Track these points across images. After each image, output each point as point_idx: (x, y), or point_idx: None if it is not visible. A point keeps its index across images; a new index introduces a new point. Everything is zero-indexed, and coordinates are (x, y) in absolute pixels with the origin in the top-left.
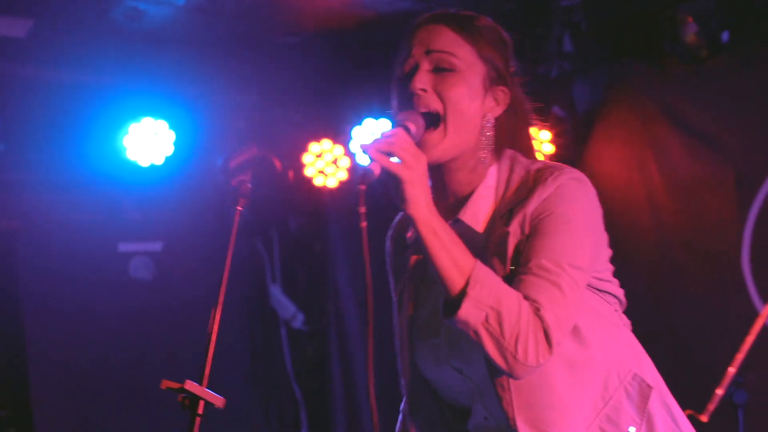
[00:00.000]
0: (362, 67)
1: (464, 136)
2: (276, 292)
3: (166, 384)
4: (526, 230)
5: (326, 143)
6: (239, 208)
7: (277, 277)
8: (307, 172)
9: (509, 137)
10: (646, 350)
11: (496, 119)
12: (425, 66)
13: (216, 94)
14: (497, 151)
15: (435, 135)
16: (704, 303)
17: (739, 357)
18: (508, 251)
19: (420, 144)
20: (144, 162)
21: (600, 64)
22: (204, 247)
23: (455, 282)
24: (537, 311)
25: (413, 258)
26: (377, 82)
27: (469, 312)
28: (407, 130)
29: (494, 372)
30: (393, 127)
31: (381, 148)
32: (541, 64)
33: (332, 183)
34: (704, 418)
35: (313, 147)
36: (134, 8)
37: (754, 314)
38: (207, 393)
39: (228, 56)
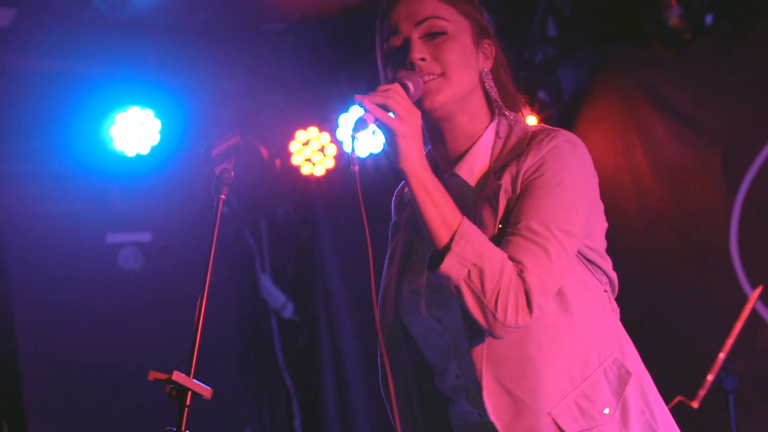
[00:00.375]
0: (348, 53)
1: (464, 91)
2: (266, 281)
3: (153, 375)
4: (518, 189)
5: (313, 131)
6: (222, 196)
7: (267, 267)
8: (294, 160)
9: (502, 90)
10: (635, 337)
11: (492, 71)
12: (416, 36)
13: (201, 82)
14: (496, 108)
15: (438, 90)
16: (693, 288)
17: (729, 343)
18: (500, 206)
19: (423, 94)
20: (130, 152)
21: (584, 49)
22: (193, 236)
23: (441, 236)
24: (521, 273)
25: (408, 212)
26: (363, 68)
27: (451, 266)
28: (405, 87)
29: (470, 323)
30: (392, 83)
31: (376, 101)
32: (525, 49)
33: (319, 171)
34: (695, 404)
35: (300, 135)
36: None
37: (743, 299)
38: (194, 384)
39: (213, 44)
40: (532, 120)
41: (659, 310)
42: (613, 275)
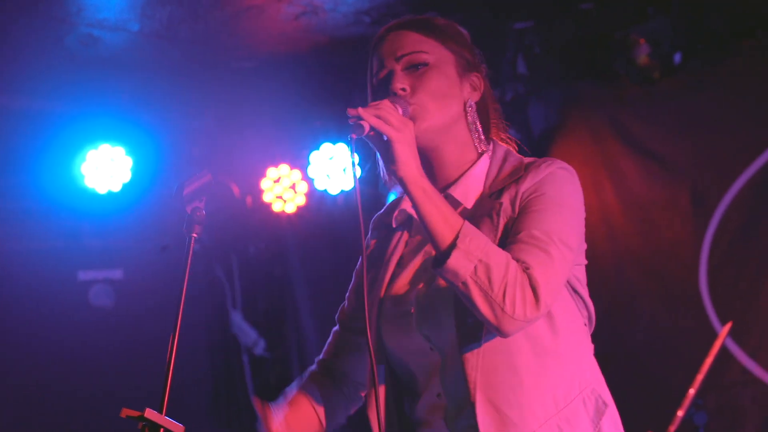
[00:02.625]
0: (318, 91)
1: (445, 120)
2: (237, 318)
3: (126, 412)
4: (516, 209)
5: (284, 168)
6: (194, 235)
7: (238, 303)
8: (266, 197)
9: (486, 123)
10: (604, 372)
11: (479, 104)
12: (399, 68)
13: (173, 119)
14: (487, 138)
15: (417, 119)
16: (662, 324)
17: (699, 378)
18: (500, 223)
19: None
20: (102, 189)
21: (554, 86)
22: (164, 273)
23: (445, 236)
24: (526, 269)
25: (397, 236)
26: (334, 106)
27: (458, 262)
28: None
29: (464, 341)
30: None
31: (369, 112)
32: (496, 87)
33: (290, 208)
34: None
35: (271, 172)
36: (89, 35)
37: (712, 335)
38: (166, 421)
39: (184, 82)
40: None
41: (629, 345)
42: (592, 309)
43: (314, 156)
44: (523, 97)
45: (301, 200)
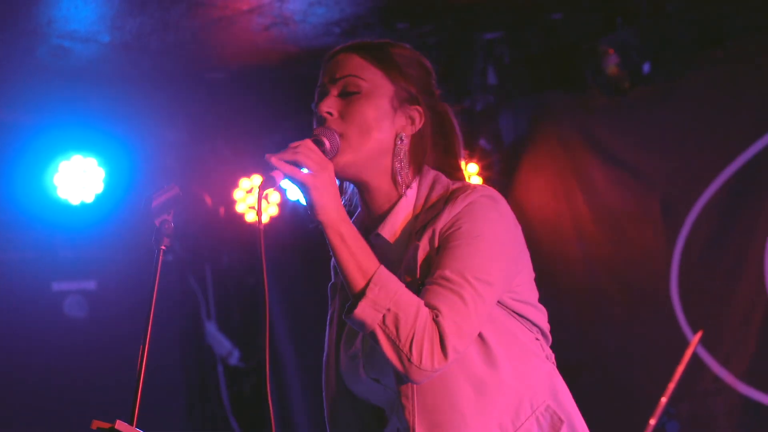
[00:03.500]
0: (290, 101)
1: (370, 153)
2: (211, 328)
3: (96, 424)
4: (435, 245)
5: (257, 179)
6: (163, 247)
7: (212, 314)
8: (238, 207)
9: (431, 155)
10: (575, 381)
11: (414, 137)
12: (333, 92)
13: (144, 130)
14: (417, 169)
15: (340, 152)
16: (634, 333)
17: (671, 387)
18: (417, 265)
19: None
20: (75, 200)
21: (524, 97)
22: (138, 284)
23: (357, 284)
24: (436, 317)
25: None
26: (305, 116)
27: (365, 311)
28: (319, 142)
29: (400, 381)
30: (303, 140)
31: (285, 158)
32: (466, 98)
33: (263, 218)
34: None
35: (244, 183)
36: (60, 46)
37: (684, 343)
38: None
39: (155, 93)
40: (472, 167)
41: (600, 354)
42: (544, 323)
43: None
44: (494, 107)
45: (274, 210)
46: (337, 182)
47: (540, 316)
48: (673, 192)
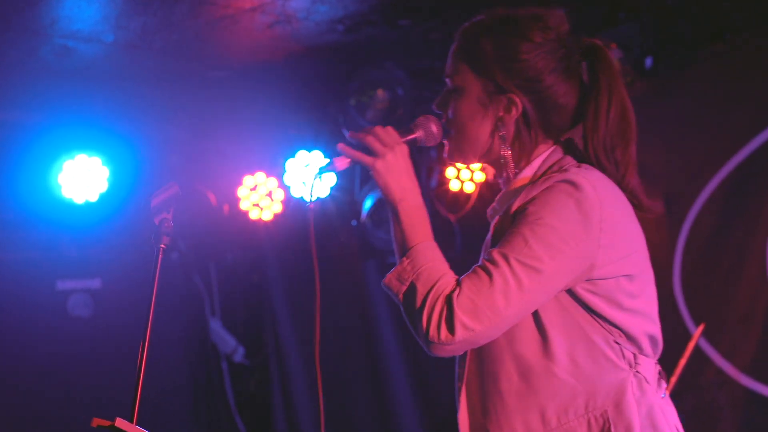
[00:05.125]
0: (293, 99)
1: (473, 149)
2: (216, 326)
3: (97, 422)
4: (508, 226)
5: (260, 176)
6: (162, 245)
7: (217, 311)
8: (242, 205)
9: (518, 140)
10: None
11: (516, 124)
12: (446, 89)
13: (148, 129)
14: (536, 148)
15: (449, 146)
16: None
17: (673, 380)
18: (489, 243)
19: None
20: (79, 199)
21: None
22: (143, 283)
23: (397, 257)
24: (452, 293)
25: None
26: (308, 113)
27: (391, 281)
28: (408, 131)
29: (461, 369)
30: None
31: (354, 142)
32: None
33: (267, 216)
34: None
35: (248, 180)
36: (63, 46)
37: (687, 336)
38: (137, 429)
39: (159, 91)
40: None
41: None
42: (634, 330)
43: (290, 164)
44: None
45: (278, 208)
46: None
47: (630, 320)
48: (676, 186)
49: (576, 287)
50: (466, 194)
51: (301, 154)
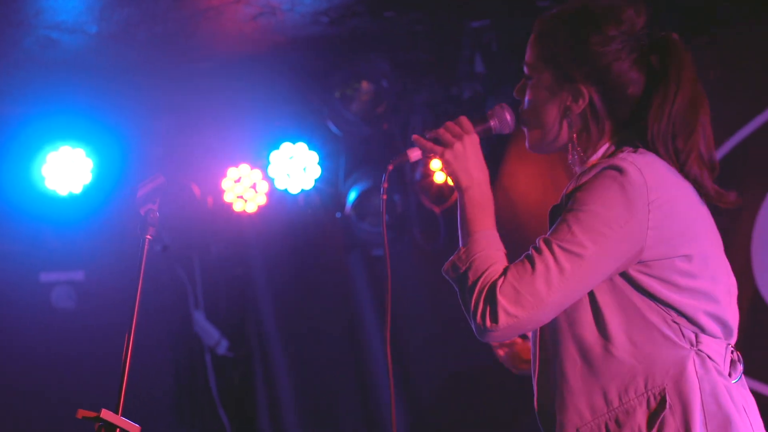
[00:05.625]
0: (277, 91)
1: (546, 137)
2: (199, 318)
3: (82, 413)
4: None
5: (244, 168)
6: (148, 236)
7: (200, 304)
8: (227, 197)
9: (586, 129)
10: None
11: (583, 114)
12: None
13: (133, 121)
14: (604, 139)
15: (527, 128)
16: None
17: None
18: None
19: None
20: (63, 191)
21: (512, 85)
22: (126, 275)
23: (460, 244)
24: (497, 281)
25: None
26: (292, 105)
27: (448, 269)
28: (483, 119)
29: (534, 355)
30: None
31: (429, 135)
32: (453, 86)
33: (251, 208)
34: None
35: (232, 172)
36: (47, 37)
37: None
38: (122, 421)
39: (143, 83)
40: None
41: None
42: (692, 311)
43: (274, 155)
44: (481, 95)
45: (262, 200)
46: None
47: (687, 300)
48: None
49: (629, 269)
50: (450, 186)
51: (286, 146)
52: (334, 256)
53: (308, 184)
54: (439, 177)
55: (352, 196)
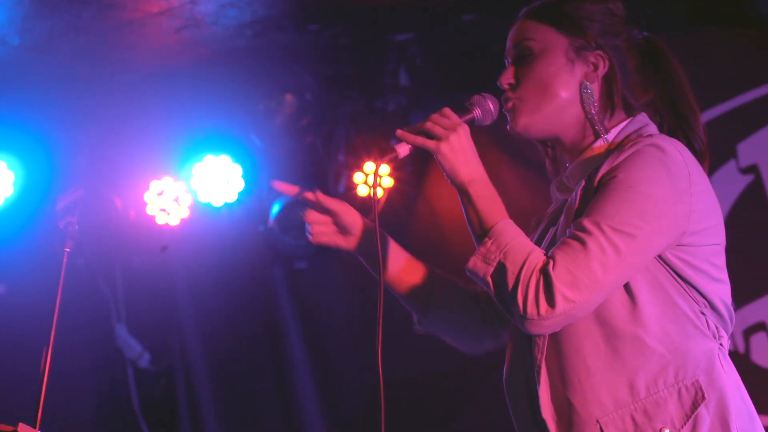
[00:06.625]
0: (200, 104)
1: (554, 108)
2: (121, 331)
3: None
4: (593, 193)
5: (167, 181)
6: (67, 249)
7: (122, 317)
8: (149, 210)
9: (641, 96)
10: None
11: (603, 82)
12: (511, 60)
13: (56, 133)
14: (622, 113)
15: (518, 115)
16: None
17: None
18: (572, 214)
19: (509, 117)
20: None
21: (436, 98)
22: (48, 288)
23: (477, 240)
24: (546, 265)
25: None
26: (217, 118)
27: (476, 265)
28: (464, 110)
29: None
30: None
31: (415, 128)
32: (378, 99)
33: (174, 221)
34: None
35: (154, 185)
36: None
37: None
38: None
39: (66, 95)
40: (384, 168)
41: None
42: (717, 300)
43: (197, 168)
44: (405, 108)
45: (185, 213)
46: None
47: (714, 289)
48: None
49: (666, 253)
50: (373, 199)
51: (209, 159)
52: (257, 269)
53: (231, 197)
54: (362, 190)
55: (275, 209)
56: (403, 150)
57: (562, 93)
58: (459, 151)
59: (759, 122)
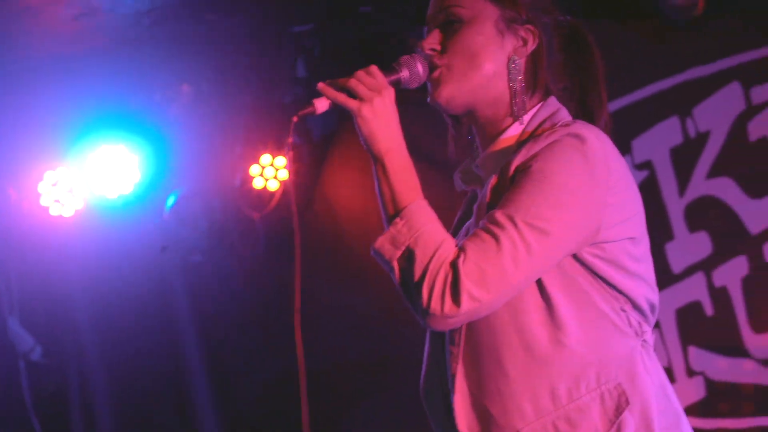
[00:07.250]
0: (97, 92)
1: (479, 80)
2: (13, 324)
3: None
4: (508, 185)
5: (62, 171)
6: None
7: (15, 309)
8: (43, 201)
9: (561, 79)
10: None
11: (529, 59)
12: (435, 28)
13: None
14: (540, 96)
15: (442, 84)
16: None
17: None
18: (485, 205)
19: (430, 87)
20: None
21: None
22: None
23: (388, 218)
24: (456, 260)
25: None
26: (113, 107)
27: (383, 246)
28: (392, 70)
29: (451, 331)
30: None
31: (338, 83)
32: (275, 90)
33: (68, 212)
34: None
35: (48, 175)
36: None
37: None
38: None
39: None
40: (280, 160)
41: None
42: (638, 296)
43: (93, 158)
44: (303, 99)
45: (80, 204)
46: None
47: (634, 286)
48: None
49: (582, 253)
50: (269, 192)
51: (104, 149)
52: (152, 262)
53: (127, 188)
54: (258, 183)
55: (171, 200)
56: (321, 105)
57: (490, 65)
58: (381, 115)
59: (653, 118)
